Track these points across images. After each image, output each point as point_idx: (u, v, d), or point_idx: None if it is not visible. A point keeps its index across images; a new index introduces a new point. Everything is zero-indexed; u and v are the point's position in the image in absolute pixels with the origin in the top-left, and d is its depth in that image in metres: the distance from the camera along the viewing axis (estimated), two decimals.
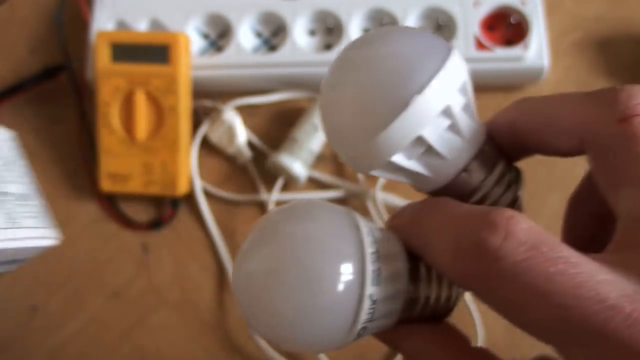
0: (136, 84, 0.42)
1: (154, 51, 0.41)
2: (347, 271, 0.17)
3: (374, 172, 0.19)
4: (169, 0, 0.45)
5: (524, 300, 0.14)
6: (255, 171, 0.44)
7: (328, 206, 0.19)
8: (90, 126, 0.45)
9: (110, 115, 0.42)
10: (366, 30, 0.45)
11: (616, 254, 0.15)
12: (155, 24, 0.45)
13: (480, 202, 0.19)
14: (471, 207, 0.17)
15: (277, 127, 0.45)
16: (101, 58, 0.42)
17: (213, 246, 0.43)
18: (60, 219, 0.44)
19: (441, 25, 0.44)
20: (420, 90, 0.17)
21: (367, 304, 0.17)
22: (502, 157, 0.20)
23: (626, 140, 0.15)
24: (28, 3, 0.50)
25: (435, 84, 0.17)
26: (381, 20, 0.44)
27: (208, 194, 0.44)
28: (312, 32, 0.46)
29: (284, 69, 0.44)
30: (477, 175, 0.19)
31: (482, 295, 0.15)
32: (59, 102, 0.47)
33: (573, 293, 0.13)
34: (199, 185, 0.44)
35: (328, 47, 0.45)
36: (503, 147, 0.20)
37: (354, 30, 0.44)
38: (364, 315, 0.17)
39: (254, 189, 0.44)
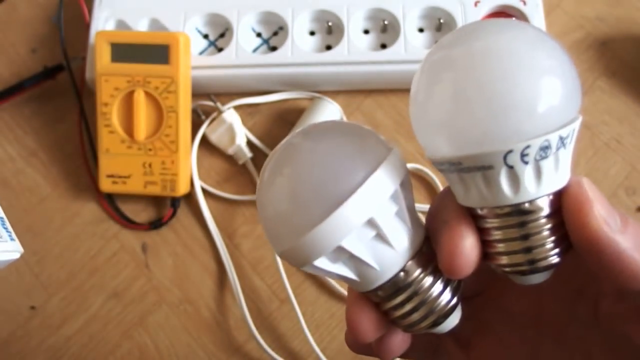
0: (136, 84, 0.42)
1: (154, 51, 0.41)
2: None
3: (305, 269, 0.19)
4: (169, 0, 0.45)
5: None
6: (255, 171, 0.44)
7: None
8: (90, 126, 0.45)
9: (110, 115, 0.42)
10: (366, 31, 0.45)
11: None
12: (155, 24, 0.45)
13: (411, 297, 0.19)
14: None
15: (277, 127, 0.45)
16: (101, 58, 0.42)
17: (213, 246, 0.43)
18: (61, 219, 0.44)
19: (442, 25, 0.44)
20: (340, 203, 0.17)
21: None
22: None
23: None
24: (28, 3, 0.50)
25: (356, 197, 0.17)
26: (382, 20, 0.44)
27: (208, 194, 0.44)
28: (312, 32, 0.46)
29: (284, 69, 0.44)
30: (410, 278, 0.19)
31: None
32: (59, 102, 0.47)
33: None
34: (198, 185, 0.44)
35: (328, 47, 0.45)
36: None
37: (354, 30, 0.44)
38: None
39: (254, 189, 0.44)
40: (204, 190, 0.44)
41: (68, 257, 0.43)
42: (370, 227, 0.18)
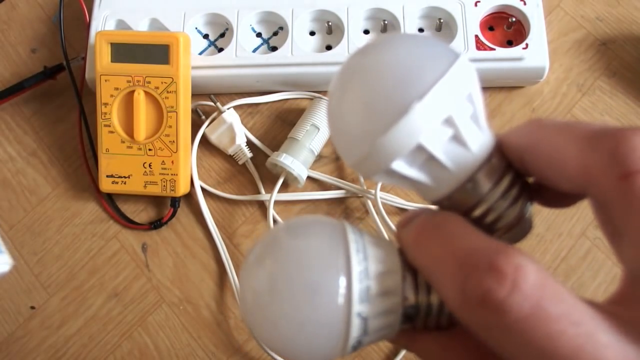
0: (136, 84, 0.42)
1: (154, 51, 0.41)
2: (334, 290, 0.17)
3: (377, 178, 0.19)
4: (169, 0, 0.45)
5: (524, 355, 0.14)
6: (255, 171, 0.44)
7: (322, 223, 0.19)
8: (90, 126, 0.45)
9: (110, 115, 0.42)
10: (366, 32, 0.45)
11: (620, 306, 0.15)
12: (155, 24, 0.45)
13: (485, 215, 0.19)
14: (478, 241, 0.16)
15: (277, 127, 0.45)
16: (101, 58, 0.42)
17: (213, 246, 0.43)
18: (61, 219, 0.44)
19: (442, 25, 0.44)
20: (420, 97, 0.17)
21: (356, 322, 0.17)
22: (510, 170, 0.19)
23: (626, 198, 0.15)
24: (28, 3, 0.50)
25: (435, 92, 0.17)
26: (382, 20, 0.44)
27: (208, 194, 0.44)
28: (312, 32, 0.46)
29: (284, 69, 0.44)
30: (482, 187, 0.19)
31: (484, 338, 0.16)
32: (59, 102, 0.47)
33: (573, 356, 0.14)
34: (198, 185, 0.44)
35: (328, 47, 0.45)
36: (512, 163, 0.19)
37: (354, 30, 0.44)
38: (354, 332, 0.17)
39: (254, 189, 0.44)
40: (204, 190, 0.44)
41: (68, 257, 0.43)
42: (448, 125, 0.18)
